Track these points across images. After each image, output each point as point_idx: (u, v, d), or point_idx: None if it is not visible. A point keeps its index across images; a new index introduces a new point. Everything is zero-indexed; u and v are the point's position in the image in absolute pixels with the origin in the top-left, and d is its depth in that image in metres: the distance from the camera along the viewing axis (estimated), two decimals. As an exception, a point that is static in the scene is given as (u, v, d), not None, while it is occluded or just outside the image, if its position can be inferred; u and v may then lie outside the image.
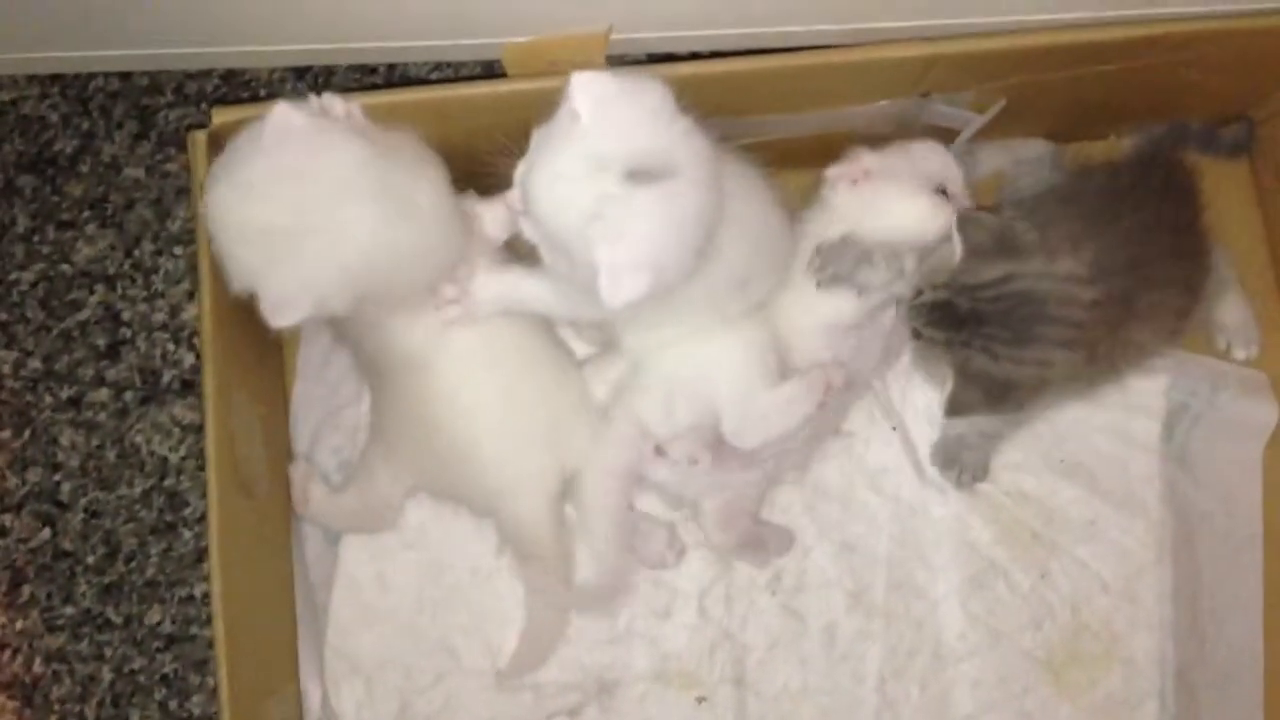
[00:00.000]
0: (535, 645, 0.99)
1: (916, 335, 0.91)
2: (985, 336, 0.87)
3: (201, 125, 0.87)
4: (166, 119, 1.09)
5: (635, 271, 0.76)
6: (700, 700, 1.02)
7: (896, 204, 0.96)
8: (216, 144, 0.87)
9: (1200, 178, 0.99)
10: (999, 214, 0.93)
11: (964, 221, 0.89)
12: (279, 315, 0.80)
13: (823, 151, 1.03)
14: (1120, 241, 0.89)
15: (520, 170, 0.79)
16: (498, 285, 0.89)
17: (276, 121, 0.79)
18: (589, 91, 0.76)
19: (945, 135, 1.04)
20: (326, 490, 0.99)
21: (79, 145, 1.09)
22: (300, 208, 0.79)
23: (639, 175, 0.76)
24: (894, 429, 1.06)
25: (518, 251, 0.91)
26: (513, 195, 0.80)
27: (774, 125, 0.99)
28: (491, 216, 0.93)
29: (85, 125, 1.09)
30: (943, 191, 0.96)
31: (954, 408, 0.89)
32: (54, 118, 1.10)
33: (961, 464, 1.03)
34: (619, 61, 0.95)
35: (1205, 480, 1.05)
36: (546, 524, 0.93)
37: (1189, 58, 0.97)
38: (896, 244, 0.95)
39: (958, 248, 0.89)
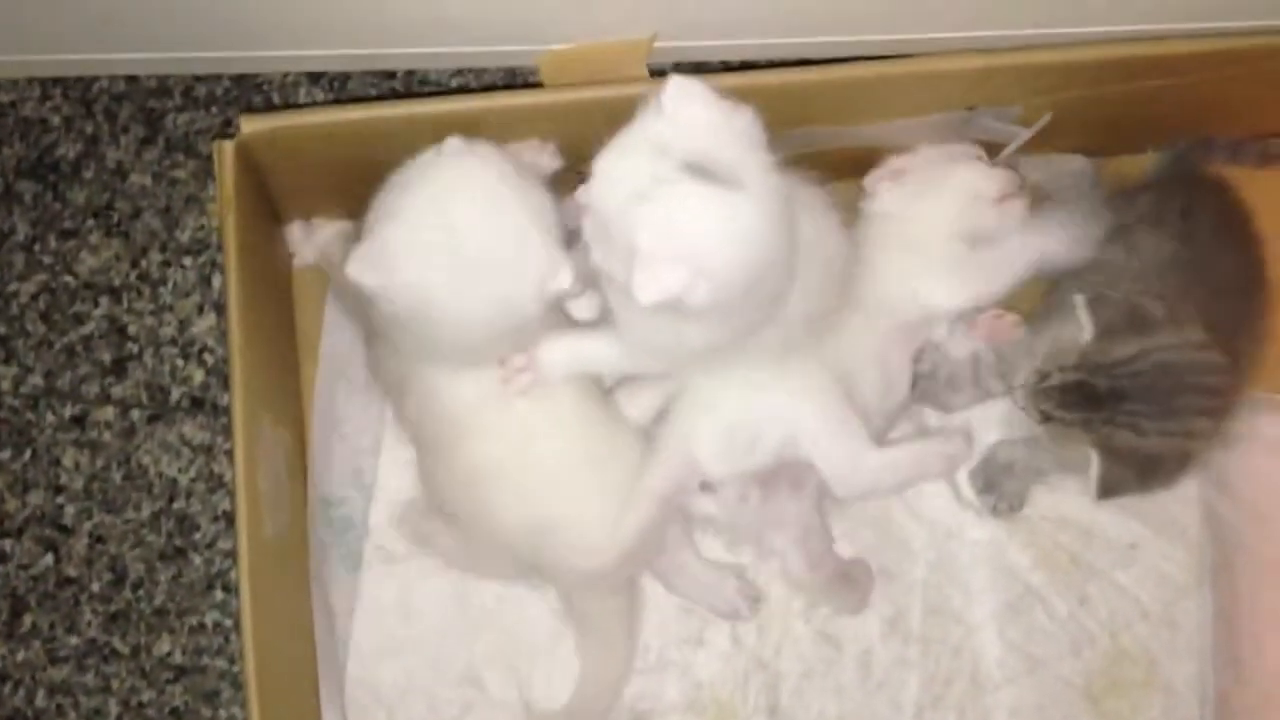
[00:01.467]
0: (590, 706, 0.95)
1: (1046, 418, 0.89)
2: (1129, 413, 0.86)
3: (224, 133, 0.83)
4: (174, 123, 1.04)
5: (673, 265, 0.72)
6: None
7: (942, 181, 0.96)
8: (245, 157, 0.83)
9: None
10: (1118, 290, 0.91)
11: (1095, 301, 0.88)
12: (365, 265, 0.78)
13: (866, 165, 1.00)
14: (1211, 294, 0.90)
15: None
16: (563, 347, 0.87)
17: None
18: (681, 89, 0.75)
19: (990, 149, 1.02)
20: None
21: (82, 150, 1.04)
22: (471, 242, 0.79)
23: (698, 171, 0.73)
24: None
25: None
26: (582, 190, 0.77)
27: (818, 138, 0.96)
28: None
29: (89, 129, 1.04)
30: None
31: (1108, 489, 0.88)
32: (56, 120, 1.04)
33: (1000, 491, 1.01)
34: (659, 72, 0.91)
35: (1243, 503, 1.03)
36: (616, 587, 0.90)
37: (1240, 73, 0.95)
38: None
39: (1087, 327, 0.88)
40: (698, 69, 0.90)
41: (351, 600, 0.97)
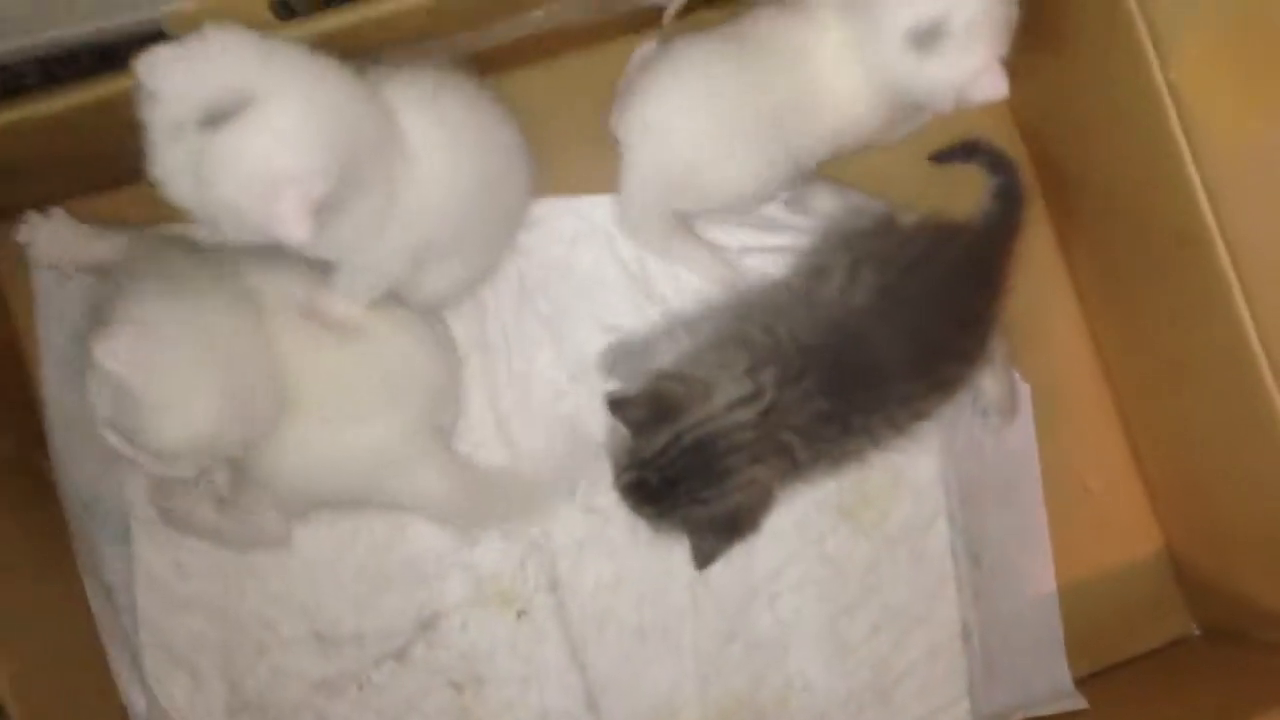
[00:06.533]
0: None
1: (638, 514, 0.94)
2: (686, 494, 0.89)
3: None
4: None
5: (277, 196, 0.76)
6: (520, 614, 1.05)
7: None
8: None
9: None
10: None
11: (614, 404, 0.91)
12: None
13: (529, 50, 1.02)
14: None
15: None
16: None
17: None
18: (150, 67, 0.77)
19: (654, 18, 1.02)
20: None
21: None
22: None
23: (217, 117, 0.76)
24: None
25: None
26: None
27: (470, 41, 0.95)
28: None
29: None
30: None
31: (703, 559, 0.92)
32: None
33: None
34: (290, 12, 0.90)
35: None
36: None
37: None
38: None
39: (620, 429, 0.91)
40: (326, 4, 0.89)
41: (128, 571, 1.00)
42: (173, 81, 0.76)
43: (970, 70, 0.90)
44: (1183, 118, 0.91)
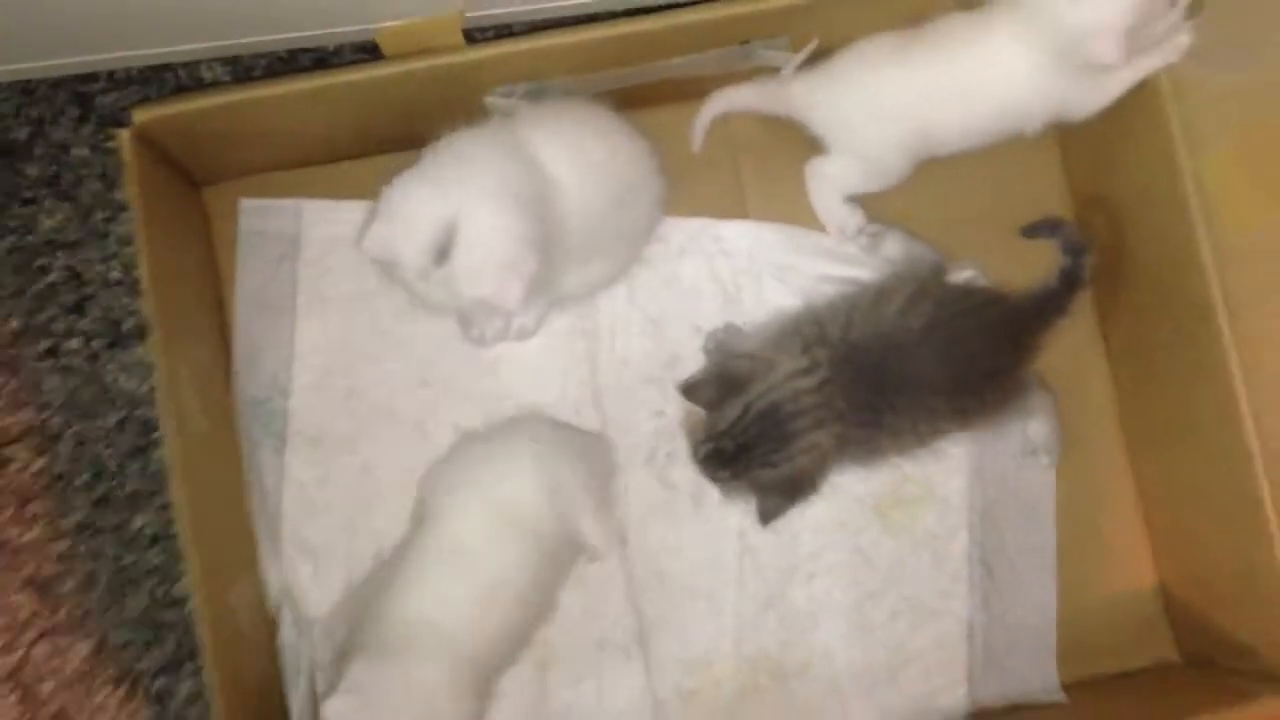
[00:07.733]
0: None
1: (713, 481, 1.10)
2: (758, 457, 1.05)
3: (122, 121, 1.05)
4: (103, 102, 1.26)
5: (505, 284, 0.98)
6: (592, 558, 1.23)
7: None
8: (144, 139, 1.06)
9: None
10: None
11: (687, 390, 1.08)
12: None
13: (667, 92, 1.21)
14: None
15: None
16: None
17: None
18: (376, 246, 0.98)
19: (770, 72, 1.21)
20: None
21: (31, 131, 1.25)
22: None
23: (442, 249, 0.96)
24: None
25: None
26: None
27: (616, 78, 1.16)
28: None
29: (35, 113, 1.25)
30: None
31: (765, 516, 1.07)
32: (7, 109, 1.26)
33: None
34: (470, 38, 1.11)
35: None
36: None
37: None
38: None
39: (697, 408, 1.08)
40: (499, 36, 1.10)
41: (280, 479, 1.21)
42: (398, 247, 0.98)
43: (1093, 22, 1.01)
44: (1204, 204, 1.06)
